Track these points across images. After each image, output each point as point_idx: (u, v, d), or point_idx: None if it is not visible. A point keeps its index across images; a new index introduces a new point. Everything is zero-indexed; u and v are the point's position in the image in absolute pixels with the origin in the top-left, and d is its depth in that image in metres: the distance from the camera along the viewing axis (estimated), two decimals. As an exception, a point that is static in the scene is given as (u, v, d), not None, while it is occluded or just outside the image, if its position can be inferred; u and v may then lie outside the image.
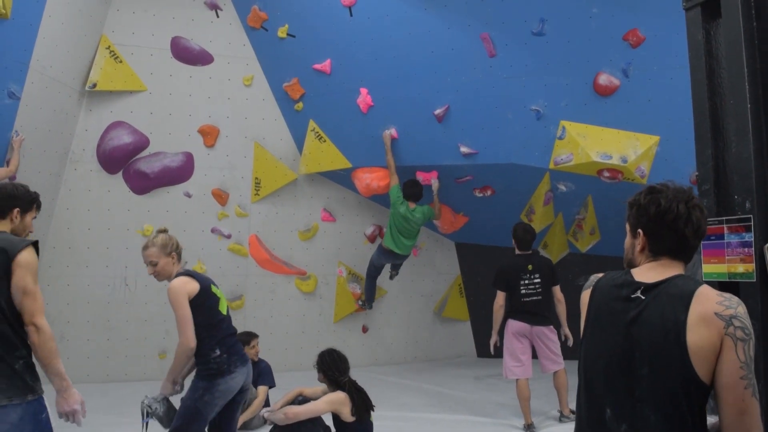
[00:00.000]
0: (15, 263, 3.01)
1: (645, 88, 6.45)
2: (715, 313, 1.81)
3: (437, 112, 7.25)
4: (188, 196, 8.10)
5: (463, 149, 7.30)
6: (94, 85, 7.61)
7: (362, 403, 4.77)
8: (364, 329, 8.92)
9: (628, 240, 2.15)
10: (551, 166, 6.91)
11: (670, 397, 1.84)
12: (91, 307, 7.62)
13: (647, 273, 2.02)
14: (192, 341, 3.84)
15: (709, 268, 2.49)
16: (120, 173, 7.85)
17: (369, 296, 8.39)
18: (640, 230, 2.06)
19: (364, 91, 7.59)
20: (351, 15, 7.41)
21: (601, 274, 2.17)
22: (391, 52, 7.32)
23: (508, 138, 7.07)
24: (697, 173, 2.49)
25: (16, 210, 3.27)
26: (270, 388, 6.09)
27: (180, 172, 8.07)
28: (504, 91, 6.92)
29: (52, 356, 3.04)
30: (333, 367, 4.88)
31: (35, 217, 3.45)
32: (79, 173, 7.68)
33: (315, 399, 4.97)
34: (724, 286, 2.38)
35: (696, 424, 1.84)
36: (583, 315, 2.15)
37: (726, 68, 2.42)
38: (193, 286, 3.90)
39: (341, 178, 8.51)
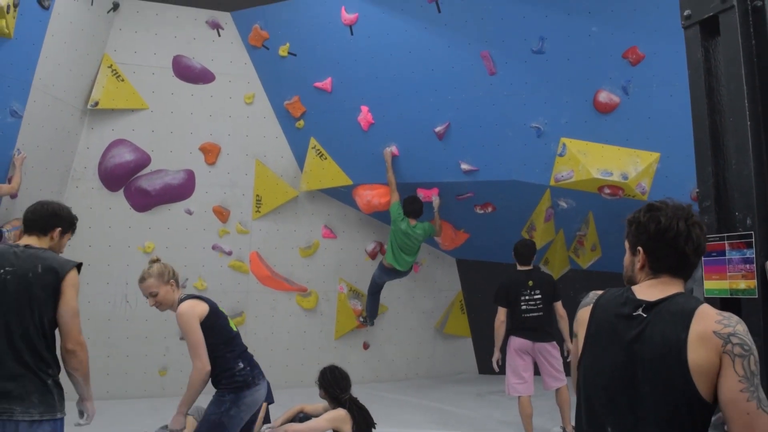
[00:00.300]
0: (65, 283, 3.08)
1: (645, 105, 6.48)
2: (714, 332, 1.81)
3: (438, 129, 7.28)
4: (189, 213, 8.11)
5: (464, 166, 7.32)
6: (96, 104, 7.65)
7: (363, 421, 4.76)
8: (365, 346, 8.89)
9: (627, 257, 2.14)
10: (552, 182, 6.93)
11: (672, 416, 1.83)
12: (92, 324, 7.60)
13: (648, 290, 2.01)
14: (208, 364, 3.80)
15: (710, 284, 2.49)
16: (121, 191, 7.87)
17: (371, 313, 8.39)
18: (639, 248, 2.06)
19: (364, 108, 7.63)
20: (352, 34, 7.47)
21: (600, 291, 2.16)
22: (392, 70, 7.36)
23: (508, 155, 7.09)
24: (697, 190, 2.49)
25: (58, 230, 3.30)
26: (269, 404, 6.05)
27: (181, 190, 8.09)
28: (504, 109, 6.96)
29: (88, 369, 3.22)
30: (334, 384, 4.88)
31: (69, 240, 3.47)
32: (80, 191, 7.69)
33: (316, 416, 4.96)
34: (725, 302, 2.38)
35: None
36: (581, 332, 2.12)
37: (725, 86, 2.44)
38: (202, 308, 3.89)
39: (342, 195, 8.52)
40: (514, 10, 6.67)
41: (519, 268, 6.20)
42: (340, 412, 4.74)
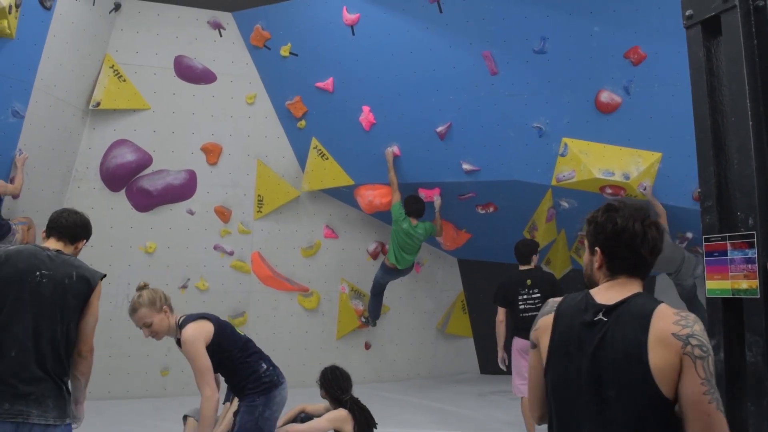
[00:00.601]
0: (95, 294, 3.18)
1: (647, 105, 6.47)
2: (672, 334, 1.85)
3: (439, 129, 7.28)
4: (191, 213, 8.12)
5: (466, 166, 7.32)
6: (98, 104, 7.66)
7: (364, 421, 4.76)
8: (367, 346, 8.89)
9: (586, 256, 2.18)
10: (553, 182, 6.92)
11: (638, 417, 1.86)
12: (94, 325, 7.60)
13: (607, 294, 2.04)
14: (217, 391, 3.68)
15: (712, 284, 2.48)
16: (123, 191, 7.88)
17: (374, 314, 8.40)
18: (597, 248, 2.09)
19: (366, 108, 7.63)
20: (353, 34, 7.47)
21: (559, 299, 2.17)
22: (393, 71, 7.36)
23: (510, 155, 7.09)
24: (699, 190, 2.49)
25: (84, 241, 3.41)
26: None
27: (183, 190, 8.10)
28: (506, 109, 6.96)
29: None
30: (335, 385, 4.88)
31: None
32: (82, 191, 7.70)
33: (317, 416, 4.96)
34: (727, 302, 2.38)
35: None
36: (544, 341, 2.11)
37: (727, 85, 2.43)
38: (207, 330, 3.77)
39: (344, 195, 8.52)
40: (516, 10, 6.67)
41: (520, 267, 6.21)
42: (342, 413, 4.74)
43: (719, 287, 2.44)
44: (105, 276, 3.30)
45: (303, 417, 5.26)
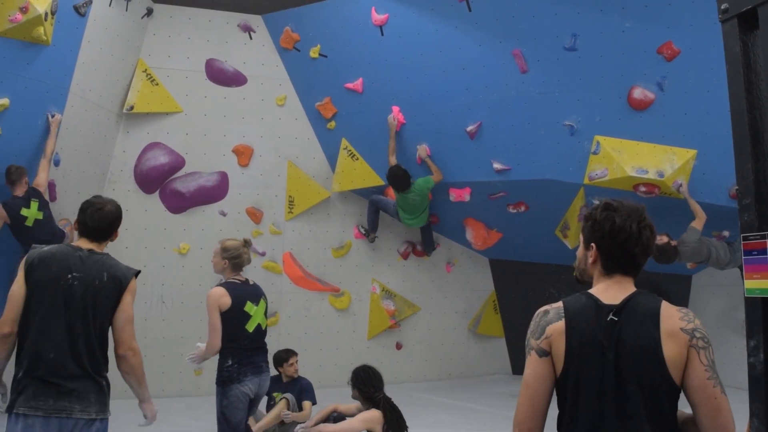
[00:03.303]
0: (127, 291, 3.21)
1: (681, 101, 6.37)
2: (681, 329, 2.03)
3: (470, 128, 7.25)
4: (223, 214, 8.20)
5: (497, 165, 7.27)
6: (132, 108, 7.78)
7: (395, 422, 4.75)
8: (398, 346, 8.89)
9: (580, 251, 2.27)
10: (586, 181, 6.85)
11: (658, 408, 2.01)
12: (129, 325, 7.72)
13: (608, 293, 2.13)
14: (217, 346, 4.26)
15: (751, 284, 2.43)
16: (156, 193, 8.00)
17: (372, 226, 8.54)
18: (593, 244, 2.19)
19: (396, 108, 7.63)
20: (382, 34, 7.48)
21: (557, 305, 2.19)
22: (423, 70, 7.35)
23: (541, 154, 7.03)
24: (737, 187, 2.44)
25: (116, 232, 3.40)
26: (312, 404, 6.03)
27: (215, 191, 8.19)
28: (537, 107, 6.90)
29: (144, 372, 3.31)
30: (368, 384, 4.88)
31: None
32: (117, 193, 7.81)
33: (350, 416, 4.97)
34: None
35: (675, 422, 2.05)
36: (558, 348, 2.11)
37: (765, 80, 2.38)
38: (225, 302, 4.28)
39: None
40: (546, 8, 6.61)
41: None
42: (375, 413, 4.74)
43: (759, 286, 2.38)
44: (139, 272, 3.33)
45: (335, 417, 5.28)
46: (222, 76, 8.21)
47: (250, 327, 4.37)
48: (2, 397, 3.19)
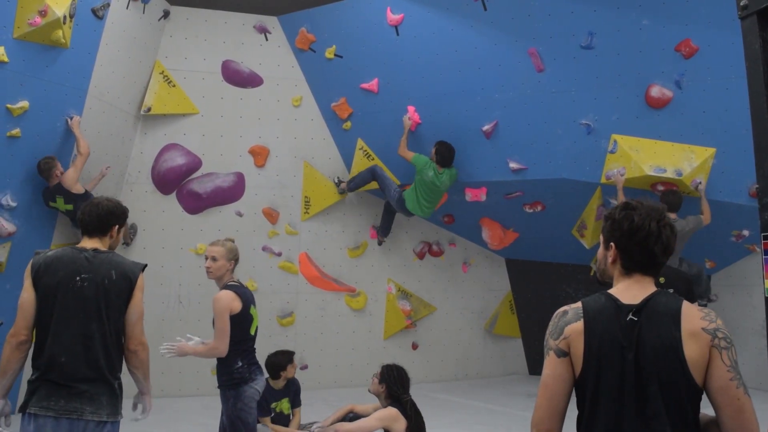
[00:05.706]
0: (137, 287, 3.22)
1: (699, 99, 6.31)
2: (702, 329, 2.00)
3: (485, 128, 7.23)
4: (240, 215, 8.24)
5: (513, 165, 7.24)
6: (149, 109, 7.84)
7: (416, 426, 4.73)
8: (414, 346, 8.88)
9: (601, 251, 2.27)
10: (603, 180, 6.80)
11: (679, 408, 1.98)
12: (147, 324, 7.63)
13: (628, 293, 2.12)
14: (224, 351, 4.21)
15: (771, 283, 2.40)
16: (174, 194, 8.05)
17: (384, 230, 8.50)
18: (612, 244, 2.18)
19: (411, 108, 7.62)
20: (397, 34, 7.47)
21: (575, 305, 2.18)
22: (438, 70, 7.34)
23: (558, 153, 6.99)
24: (757, 186, 2.41)
25: (116, 227, 3.38)
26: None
27: (231, 192, 8.23)
28: (553, 106, 6.86)
29: (149, 367, 3.37)
30: (398, 382, 4.87)
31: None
32: (134, 194, 7.89)
33: (366, 416, 4.96)
34: (787, 301, 2.30)
35: (697, 423, 2.02)
36: (576, 348, 2.11)
37: (785, 77, 2.35)
38: (236, 306, 4.24)
39: (390, 196, 8.52)
40: (562, 6, 6.58)
41: None
42: (391, 411, 4.72)
43: (778, 286, 2.35)
44: (146, 266, 3.33)
45: (351, 417, 5.28)
46: (238, 77, 8.24)
47: (253, 329, 4.41)
48: (5, 419, 3.17)
